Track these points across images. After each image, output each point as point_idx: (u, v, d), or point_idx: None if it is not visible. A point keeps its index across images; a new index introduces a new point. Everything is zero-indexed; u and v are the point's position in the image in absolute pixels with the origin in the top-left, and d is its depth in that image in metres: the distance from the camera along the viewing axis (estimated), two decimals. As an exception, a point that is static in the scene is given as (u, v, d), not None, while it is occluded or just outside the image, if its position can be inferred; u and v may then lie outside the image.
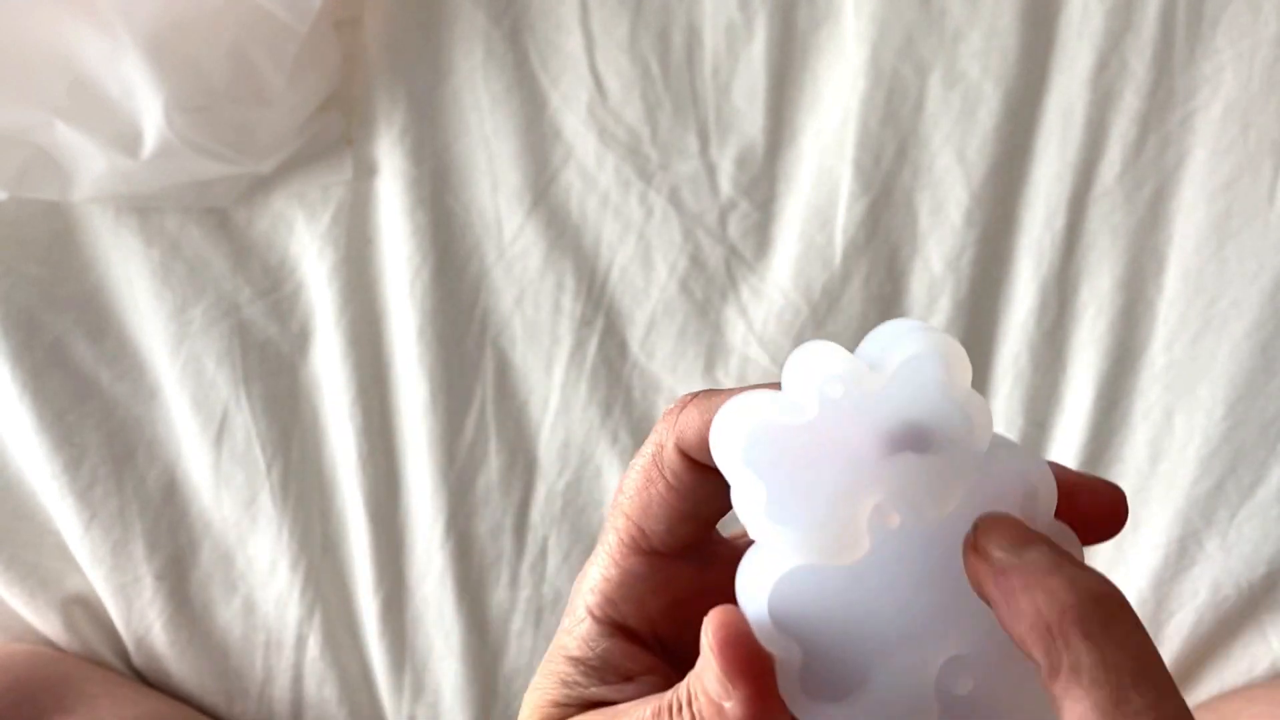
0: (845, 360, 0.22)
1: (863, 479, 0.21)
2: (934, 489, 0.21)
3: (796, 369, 0.22)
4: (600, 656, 0.25)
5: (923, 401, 0.22)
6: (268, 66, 0.47)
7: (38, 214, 0.49)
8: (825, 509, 0.21)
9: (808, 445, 0.22)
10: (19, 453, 0.50)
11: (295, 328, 0.50)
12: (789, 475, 0.21)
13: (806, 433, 0.22)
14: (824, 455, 0.22)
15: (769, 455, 0.22)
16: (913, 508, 0.21)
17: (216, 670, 0.50)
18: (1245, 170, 0.47)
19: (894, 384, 0.21)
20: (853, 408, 0.21)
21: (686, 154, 0.50)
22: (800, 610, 0.22)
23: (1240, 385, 0.47)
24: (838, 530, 0.21)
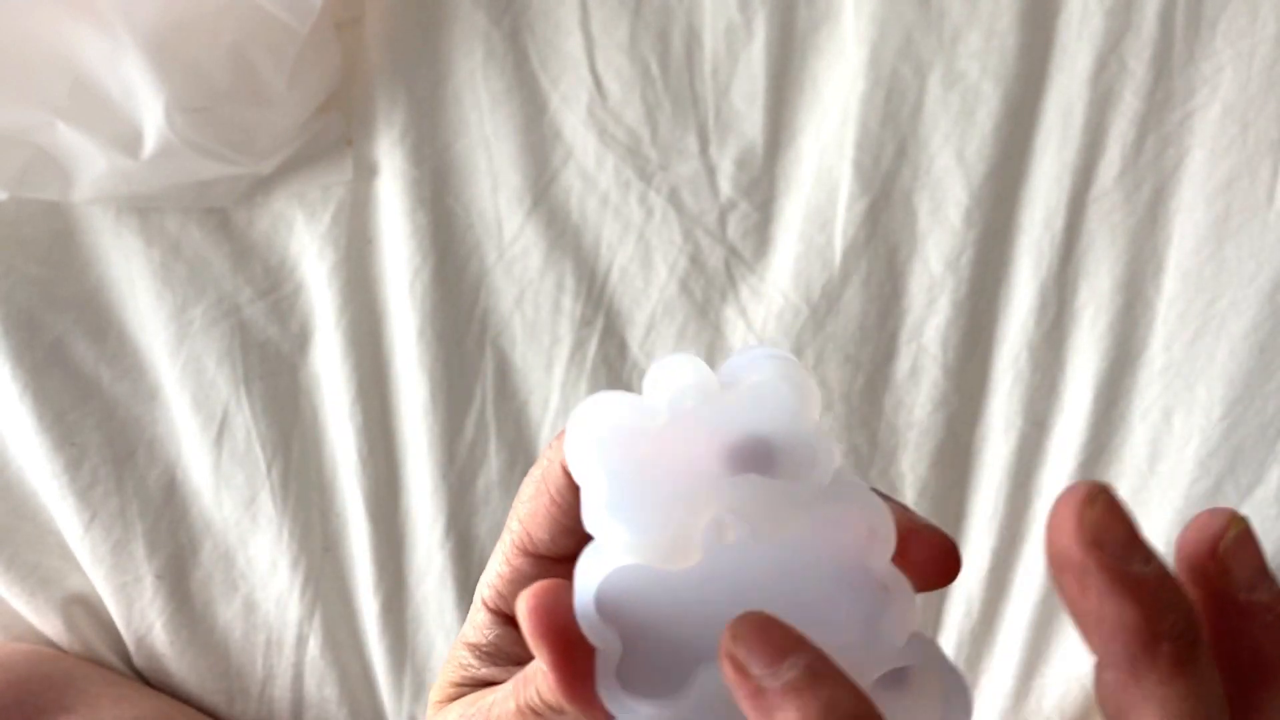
0: (700, 373, 0.22)
1: (702, 490, 0.22)
2: (772, 511, 0.22)
3: (655, 378, 0.22)
4: (493, 643, 0.28)
5: (770, 424, 0.22)
6: (268, 67, 0.47)
7: (38, 214, 0.49)
8: (662, 513, 0.22)
9: (655, 450, 0.22)
10: (19, 452, 0.50)
11: (295, 328, 0.50)
12: (632, 476, 0.22)
13: (655, 438, 0.22)
14: (669, 462, 0.22)
15: (615, 454, 0.22)
16: (749, 526, 0.22)
17: (217, 670, 0.51)
18: (1244, 171, 0.47)
19: (744, 402, 0.22)
20: (701, 420, 0.22)
21: (686, 155, 0.50)
22: (626, 606, 0.22)
23: (1239, 385, 0.47)
24: (671, 535, 0.22)
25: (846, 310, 0.49)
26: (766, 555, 0.22)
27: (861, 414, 0.49)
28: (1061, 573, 0.21)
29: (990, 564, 0.49)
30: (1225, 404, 0.47)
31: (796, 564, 0.22)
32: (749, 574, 0.22)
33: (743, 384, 0.22)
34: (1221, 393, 0.47)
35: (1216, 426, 0.47)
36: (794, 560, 0.22)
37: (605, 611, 0.22)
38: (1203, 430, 0.48)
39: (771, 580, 0.22)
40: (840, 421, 0.49)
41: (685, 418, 0.22)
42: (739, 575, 0.22)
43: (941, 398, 0.49)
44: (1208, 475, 0.48)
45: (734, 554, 0.22)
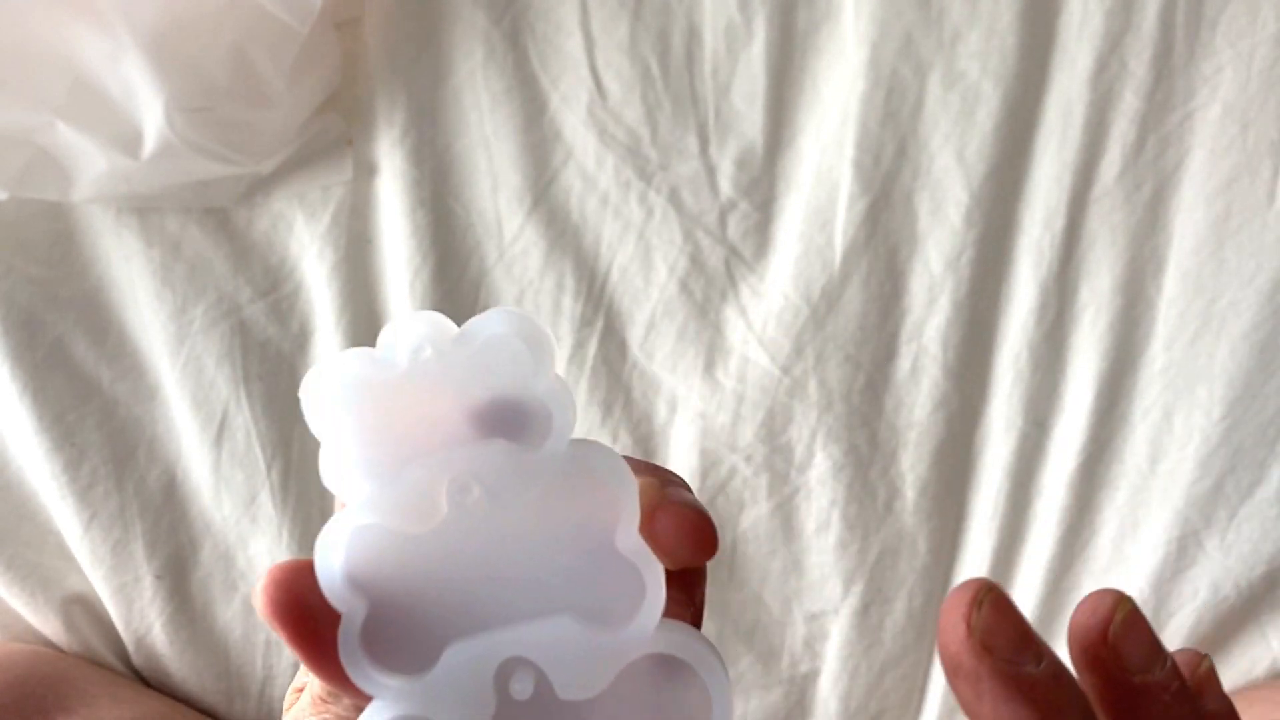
0: (437, 326, 0.21)
1: (443, 449, 0.21)
2: (511, 476, 0.21)
3: (393, 329, 0.22)
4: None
5: (505, 381, 0.22)
6: (268, 67, 0.47)
7: (38, 214, 0.49)
8: (401, 468, 0.21)
9: (394, 403, 0.21)
10: (19, 452, 0.50)
11: (295, 327, 0.50)
12: (372, 428, 0.21)
13: (394, 390, 0.21)
14: (409, 417, 0.22)
15: (355, 406, 0.21)
16: (488, 491, 0.21)
17: (216, 670, 0.50)
18: (1244, 171, 0.47)
19: (480, 357, 0.21)
20: (439, 373, 0.21)
21: (686, 155, 0.50)
22: (369, 570, 0.22)
23: (1239, 385, 0.47)
24: (411, 493, 0.21)
25: (847, 310, 0.49)
26: (509, 523, 0.22)
27: (862, 414, 0.49)
28: (956, 679, 0.21)
29: (990, 564, 0.49)
30: (1225, 404, 0.47)
31: (539, 535, 0.22)
32: (492, 543, 0.22)
33: (478, 338, 0.21)
34: (1222, 392, 0.47)
35: (1217, 426, 0.47)
36: (536, 531, 0.22)
37: (349, 576, 0.22)
38: (1203, 430, 0.47)
39: (514, 548, 0.22)
40: (840, 421, 0.49)
41: (423, 370, 0.21)
42: (482, 544, 0.22)
43: (942, 397, 0.49)
44: (1208, 475, 0.47)
45: (477, 520, 0.22)
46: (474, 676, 0.22)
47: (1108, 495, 0.49)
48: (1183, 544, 0.48)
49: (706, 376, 0.50)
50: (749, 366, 0.49)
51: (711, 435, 0.49)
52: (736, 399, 0.49)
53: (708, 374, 0.50)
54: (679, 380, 0.50)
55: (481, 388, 0.22)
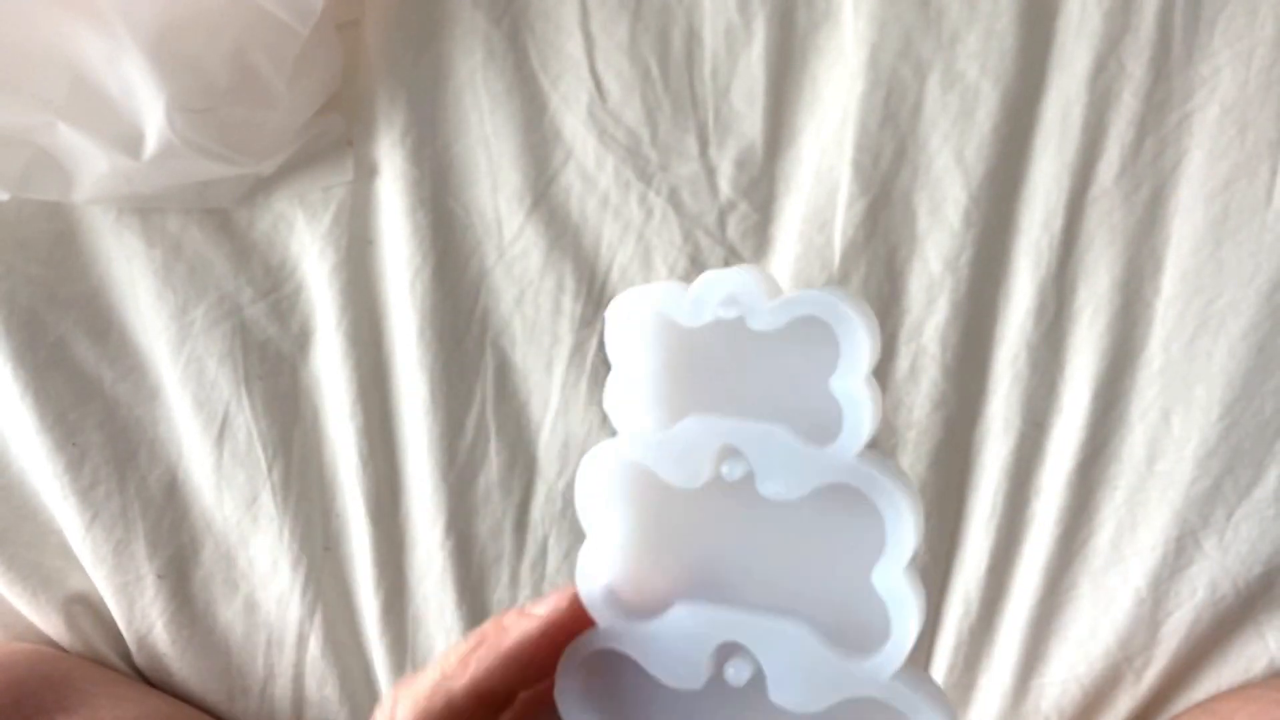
0: (755, 283, 0.21)
1: (726, 411, 0.21)
2: (786, 463, 0.21)
3: (704, 281, 0.21)
4: None
5: (810, 363, 0.21)
6: (269, 68, 0.47)
7: (39, 214, 0.49)
8: (680, 418, 0.21)
9: (694, 351, 0.21)
10: (21, 452, 0.50)
11: (296, 328, 0.51)
12: (665, 368, 0.21)
13: (695, 338, 0.21)
14: (703, 368, 0.21)
15: (656, 342, 0.21)
16: (758, 470, 0.21)
17: (218, 669, 0.51)
18: (1242, 171, 0.48)
19: (788, 333, 0.20)
20: (743, 336, 0.21)
21: (686, 155, 0.50)
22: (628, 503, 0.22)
23: (1237, 385, 0.47)
24: (682, 446, 0.21)
25: (846, 310, 0.49)
26: (771, 512, 0.21)
27: (861, 414, 0.49)
28: None
29: (989, 564, 0.49)
30: (1224, 404, 0.47)
31: (797, 535, 0.21)
32: (748, 523, 0.21)
33: (794, 312, 0.20)
34: (1220, 393, 0.48)
35: (1215, 426, 0.48)
36: (796, 530, 0.21)
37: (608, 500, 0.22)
38: (1201, 430, 0.48)
39: (768, 540, 0.21)
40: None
41: (726, 328, 0.21)
42: (738, 521, 0.21)
43: (940, 397, 0.49)
44: (1206, 475, 0.48)
45: (738, 496, 0.21)
46: (695, 644, 0.21)
47: (1106, 495, 0.49)
48: (1181, 544, 0.48)
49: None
50: (748, 366, 0.49)
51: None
52: (736, 399, 0.49)
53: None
54: (679, 380, 0.50)
55: (780, 364, 0.21)
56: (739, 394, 0.21)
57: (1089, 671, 0.49)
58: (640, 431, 0.21)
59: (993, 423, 0.49)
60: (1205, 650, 0.49)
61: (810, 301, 0.20)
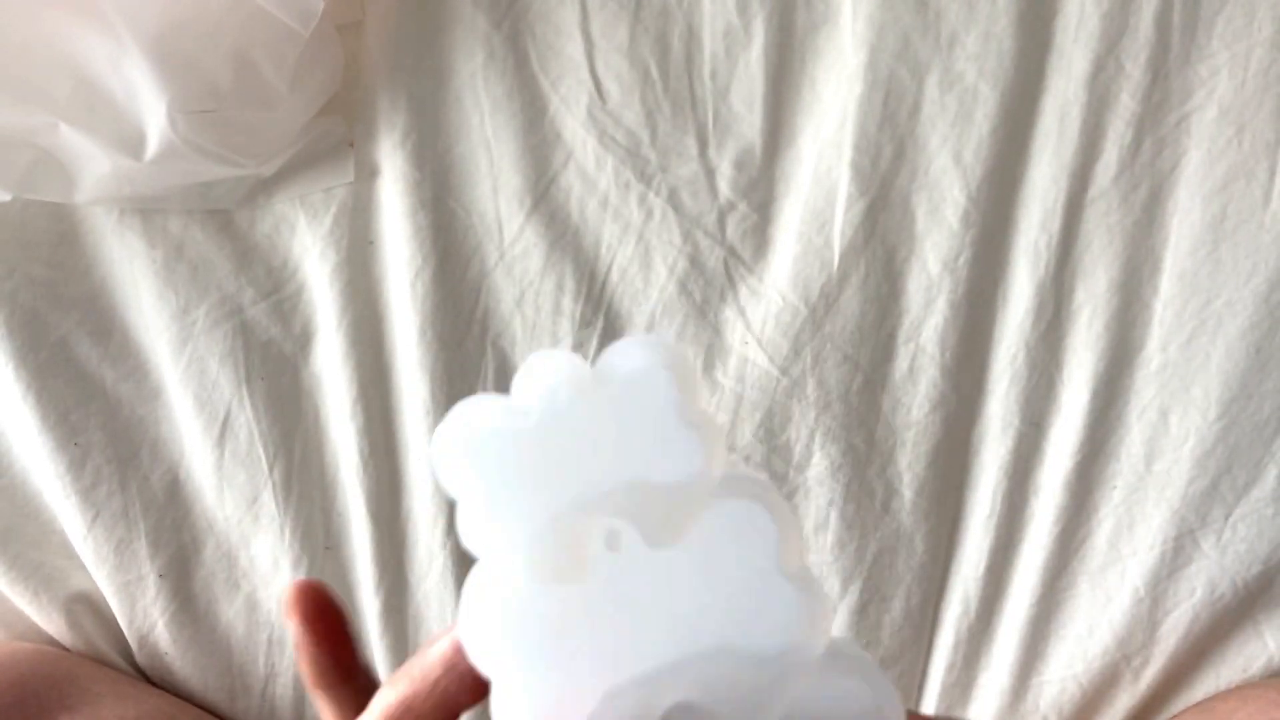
0: (573, 367, 0.20)
1: (588, 496, 0.20)
2: (664, 517, 0.20)
3: (525, 375, 0.21)
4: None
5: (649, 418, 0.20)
6: (270, 70, 0.48)
7: (42, 215, 0.50)
8: (547, 522, 0.20)
9: (532, 453, 0.20)
10: (23, 452, 0.50)
11: (297, 328, 0.51)
12: (512, 482, 0.20)
13: (530, 439, 0.20)
14: (548, 465, 0.20)
15: (491, 461, 0.20)
16: (641, 534, 0.20)
17: (219, 668, 0.51)
18: (1240, 172, 0.48)
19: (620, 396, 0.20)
20: (578, 418, 0.20)
21: (685, 156, 0.50)
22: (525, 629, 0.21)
23: (1235, 385, 0.48)
24: (561, 547, 0.20)
25: (845, 311, 0.49)
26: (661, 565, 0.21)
27: (859, 414, 0.49)
28: None
29: (987, 563, 0.49)
30: (1221, 404, 0.48)
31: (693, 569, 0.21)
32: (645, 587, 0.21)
33: (618, 374, 0.20)
34: (1218, 393, 0.48)
35: (1213, 426, 0.48)
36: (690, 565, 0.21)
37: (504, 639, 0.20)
38: (1199, 430, 0.48)
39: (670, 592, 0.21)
40: (838, 421, 0.49)
41: (559, 415, 0.20)
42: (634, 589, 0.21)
43: (939, 398, 0.49)
44: (1204, 475, 0.48)
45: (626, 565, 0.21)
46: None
47: (1104, 495, 0.49)
48: (1179, 543, 0.48)
49: (705, 377, 0.50)
50: (748, 367, 0.50)
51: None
52: (735, 399, 0.50)
53: (706, 374, 0.50)
54: (678, 380, 0.50)
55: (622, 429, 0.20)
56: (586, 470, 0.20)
57: (1087, 670, 0.49)
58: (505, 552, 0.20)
59: (991, 423, 0.49)
60: (1203, 649, 0.49)
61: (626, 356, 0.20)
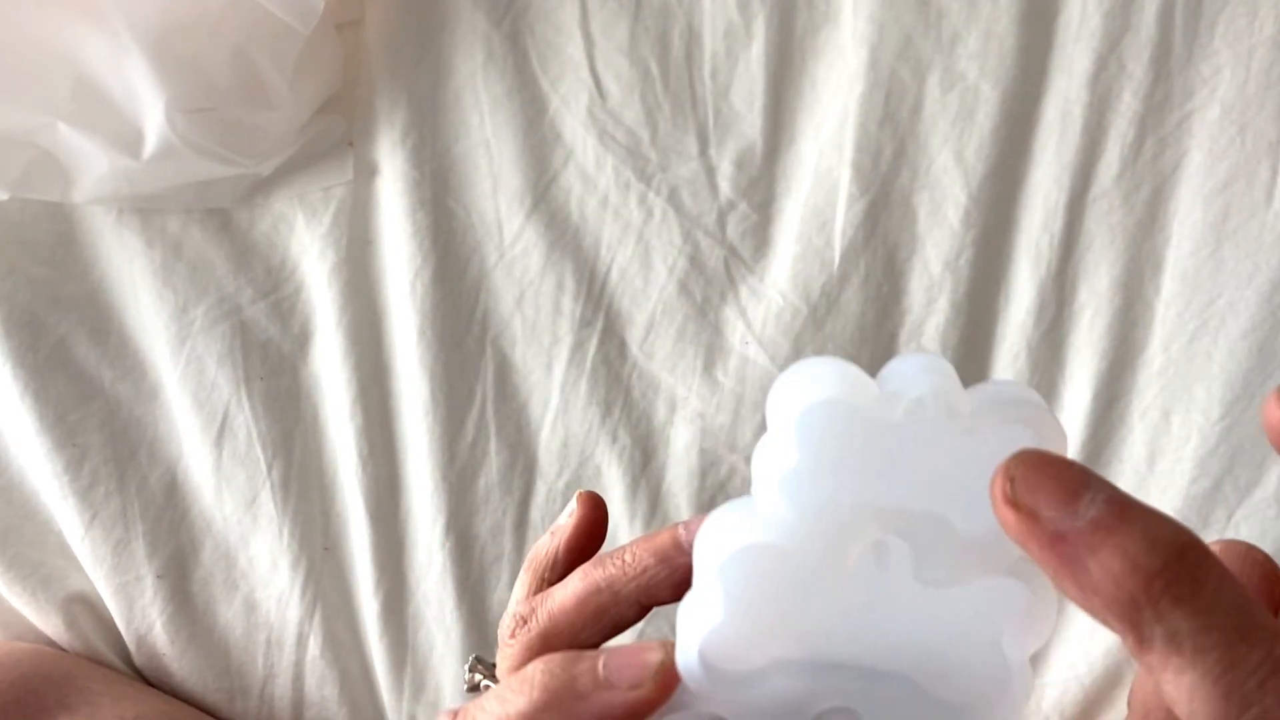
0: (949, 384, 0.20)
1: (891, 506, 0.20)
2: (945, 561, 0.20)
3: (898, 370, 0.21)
4: None
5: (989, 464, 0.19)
6: (270, 68, 0.48)
7: (40, 215, 0.50)
8: (833, 509, 0.20)
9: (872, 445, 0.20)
10: (21, 453, 0.50)
11: (296, 328, 0.51)
12: (827, 456, 0.20)
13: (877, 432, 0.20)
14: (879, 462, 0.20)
15: (822, 431, 0.20)
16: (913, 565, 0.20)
17: (217, 669, 0.51)
18: (1242, 172, 0.48)
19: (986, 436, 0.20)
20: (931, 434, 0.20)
21: (686, 156, 0.50)
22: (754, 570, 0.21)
23: (1237, 385, 0.47)
24: (832, 533, 0.20)
25: (845, 311, 0.49)
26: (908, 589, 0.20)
27: (861, 414, 0.49)
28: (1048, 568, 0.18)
29: (989, 564, 0.49)
30: (1224, 404, 0.47)
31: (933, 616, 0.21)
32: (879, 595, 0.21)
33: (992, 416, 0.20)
34: (1220, 393, 0.47)
35: (1215, 426, 0.47)
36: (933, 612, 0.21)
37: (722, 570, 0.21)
38: (1201, 430, 0.48)
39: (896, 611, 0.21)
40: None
41: (916, 420, 0.20)
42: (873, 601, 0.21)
43: (940, 398, 0.49)
44: (1206, 475, 0.48)
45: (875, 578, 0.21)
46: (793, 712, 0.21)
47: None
48: (1181, 544, 0.48)
49: (706, 377, 0.50)
50: (748, 367, 0.49)
51: (711, 435, 0.49)
52: (736, 399, 0.49)
53: (707, 374, 0.50)
54: (678, 380, 0.50)
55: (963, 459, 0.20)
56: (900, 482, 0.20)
57: (1089, 672, 0.49)
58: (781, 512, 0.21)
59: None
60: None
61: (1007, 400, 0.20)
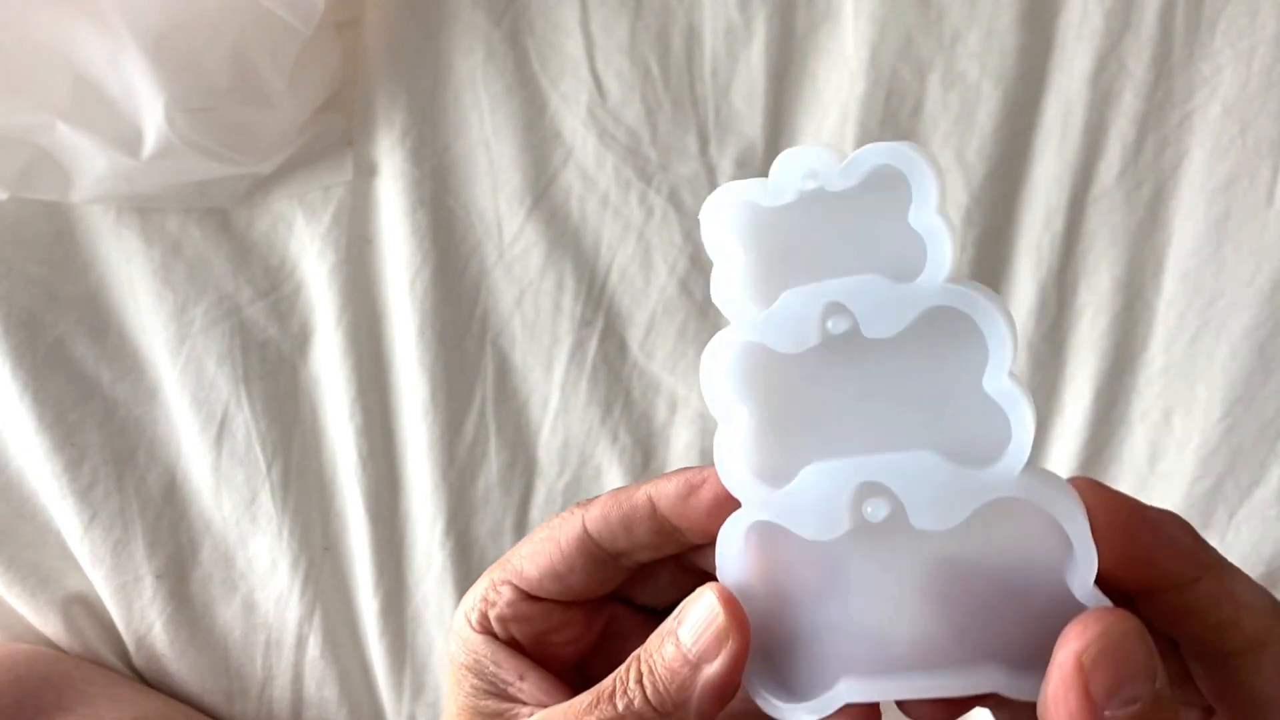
0: (824, 157, 0.23)
1: (822, 276, 0.23)
2: (885, 305, 0.22)
3: (783, 160, 0.23)
4: (479, 662, 0.28)
5: (887, 211, 0.22)
6: (269, 67, 0.47)
7: (39, 214, 0.49)
8: (785, 291, 0.23)
9: (780, 231, 0.23)
10: (20, 452, 0.50)
11: (295, 328, 0.51)
12: (759, 254, 0.23)
13: (780, 218, 0.23)
14: (793, 243, 0.23)
15: (745, 232, 0.23)
16: (861, 318, 0.22)
17: (216, 670, 0.51)
18: (1243, 171, 0.47)
19: (863, 188, 0.22)
20: (824, 204, 0.23)
21: (686, 155, 0.50)
22: (749, 382, 0.24)
23: (1238, 385, 0.47)
24: (789, 316, 0.23)
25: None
26: (878, 354, 0.23)
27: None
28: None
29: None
30: (1225, 404, 0.47)
31: (907, 369, 0.23)
32: (860, 371, 0.23)
33: (862, 169, 0.22)
34: (1221, 393, 0.47)
35: (1216, 426, 0.47)
36: (904, 364, 0.23)
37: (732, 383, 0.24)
38: (1202, 430, 0.48)
39: (881, 382, 0.23)
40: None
41: (808, 201, 0.22)
42: (851, 371, 0.23)
43: (941, 398, 0.49)
44: (1208, 475, 0.47)
45: (848, 347, 0.23)
46: (831, 495, 0.23)
47: (1107, 495, 0.49)
48: (1182, 544, 0.48)
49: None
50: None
51: (711, 435, 0.49)
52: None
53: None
54: (679, 380, 0.50)
55: (861, 218, 0.23)
56: (829, 258, 0.23)
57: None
58: (748, 314, 0.23)
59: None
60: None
61: (878, 153, 0.22)
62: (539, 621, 0.28)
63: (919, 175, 0.22)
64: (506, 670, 0.27)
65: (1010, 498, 0.22)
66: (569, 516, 0.27)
